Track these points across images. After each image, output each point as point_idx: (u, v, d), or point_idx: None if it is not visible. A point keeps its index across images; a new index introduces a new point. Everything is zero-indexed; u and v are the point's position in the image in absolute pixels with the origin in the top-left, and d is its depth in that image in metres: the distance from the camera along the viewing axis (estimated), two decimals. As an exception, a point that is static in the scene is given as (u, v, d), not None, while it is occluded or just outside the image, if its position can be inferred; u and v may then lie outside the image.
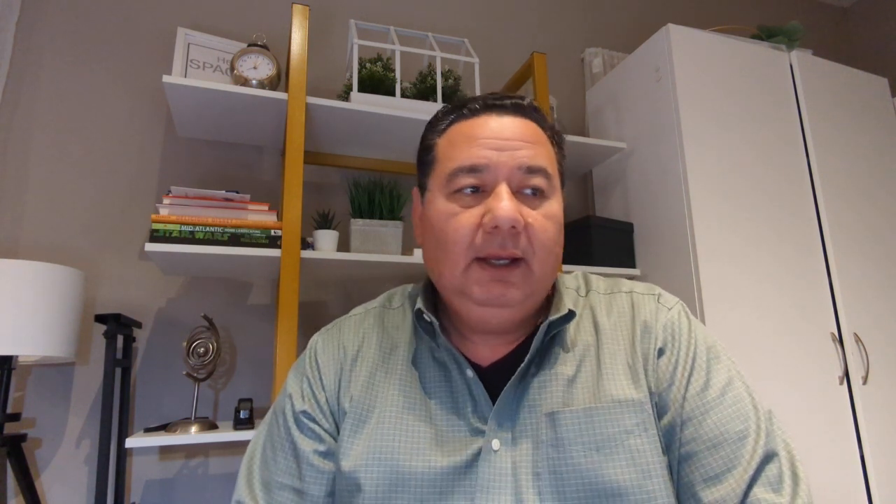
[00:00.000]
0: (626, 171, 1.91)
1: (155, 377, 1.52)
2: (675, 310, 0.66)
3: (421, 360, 0.66)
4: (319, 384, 0.67)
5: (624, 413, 0.58)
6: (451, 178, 0.62)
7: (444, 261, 0.61)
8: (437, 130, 0.68)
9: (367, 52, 1.68)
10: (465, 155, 0.62)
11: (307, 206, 1.71)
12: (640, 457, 0.56)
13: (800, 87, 1.88)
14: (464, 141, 0.63)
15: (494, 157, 0.61)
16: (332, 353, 0.69)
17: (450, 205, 0.62)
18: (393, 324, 0.71)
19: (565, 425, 0.58)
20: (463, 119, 0.66)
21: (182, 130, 1.64)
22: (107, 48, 1.68)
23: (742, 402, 0.59)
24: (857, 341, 1.70)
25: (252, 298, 1.66)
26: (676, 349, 0.62)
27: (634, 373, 0.61)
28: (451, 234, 0.60)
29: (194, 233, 1.31)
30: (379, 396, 0.64)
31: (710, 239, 1.60)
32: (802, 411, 1.56)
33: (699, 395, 0.59)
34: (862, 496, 1.57)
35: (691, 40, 1.77)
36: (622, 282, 0.72)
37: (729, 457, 0.56)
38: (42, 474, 1.39)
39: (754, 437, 0.57)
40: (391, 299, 0.75)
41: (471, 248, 0.59)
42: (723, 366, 0.62)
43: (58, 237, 1.52)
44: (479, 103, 0.65)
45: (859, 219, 1.85)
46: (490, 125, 0.63)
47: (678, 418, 0.59)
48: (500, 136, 0.62)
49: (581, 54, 2.33)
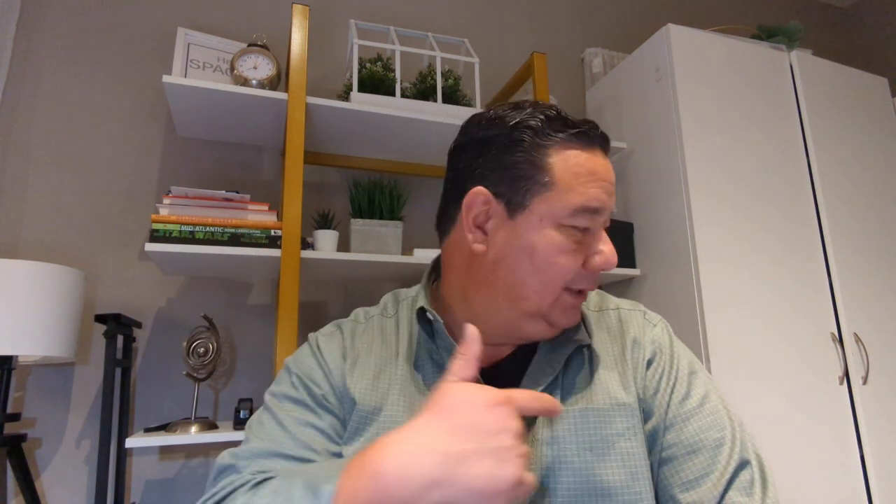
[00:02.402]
0: (626, 171, 1.91)
1: (155, 377, 1.52)
2: (658, 326, 0.70)
3: (420, 363, 0.66)
4: (327, 369, 0.67)
5: (616, 416, 0.61)
6: (575, 214, 0.60)
7: (536, 287, 0.61)
8: (544, 145, 0.61)
9: (367, 52, 1.68)
10: (591, 194, 0.60)
11: (307, 206, 1.71)
12: (630, 459, 0.59)
13: (800, 87, 1.88)
14: (587, 176, 0.61)
15: (609, 202, 0.62)
16: (334, 349, 0.69)
17: (561, 237, 0.60)
18: (390, 331, 0.71)
19: (561, 425, 0.60)
20: (578, 146, 0.61)
21: (182, 130, 1.64)
22: (107, 48, 1.68)
23: (718, 413, 0.63)
24: (857, 341, 1.70)
25: (252, 298, 1.66)
26: (662, 362, 0.66)
27: (625, 379, 0.64)
28: (559, 269, 0.61)
29: (194, 233, 1.31)
30: (382, 400, 0.64)
31: (710, 239, 1.60)
32: (802, 411, 1.56)
33: (680, 405, 0.63)
34: (862, 496, 1.56)
35: (691, 40, 1.77)
36: (608, 298, 0.75)
37: (706, 462, 0.60)
38: (42, 474, 1.39)
39: (730, 445, 0.61)
40: (386, 307, 0.74)
41: (570, 282, 0.62)
42: (700, 381, 0.66)
43: (58, 237, 1.52)
44: (596, 134, 0.63)
45: (859, 219, 1.85)
46: (599, 163, 0.62)
47: (661, 423, 0.63)
48: (608, 179, 0.62)
49: (581, 54, 2.32)
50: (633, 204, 1.86)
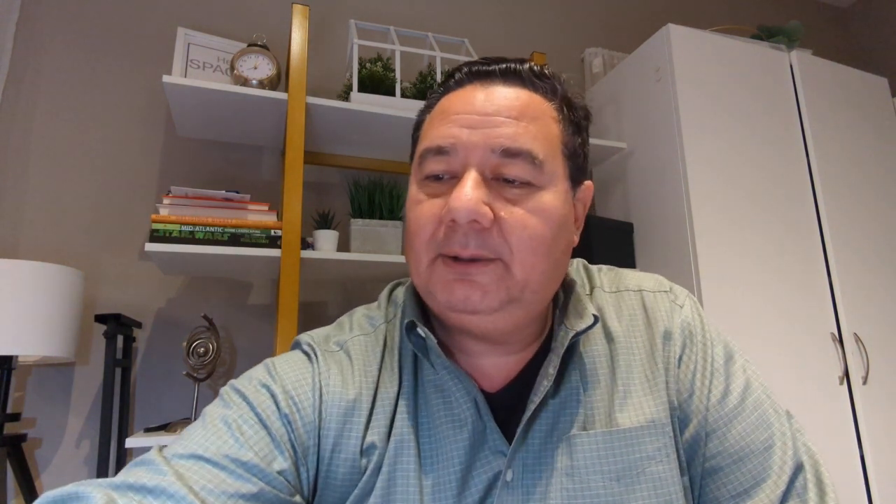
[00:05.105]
0: (626, 171, 1.91)
1: (155, 377, 1.52)
2: (686, 306, 0.60)
3: (423, 388, 0.55)
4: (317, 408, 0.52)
5: (645, 437, 0.52)
6: (421, 162, 0.53)
7: (409, 256, 0.53)
8: (428, 106, 0.58)
9: (367, 52, 1.68)
10: (436, 134, 0.52)
11: (307, 206, 1.71)
12: (662, 485, 0.51)
13: (800, 87, 1.88)
14: (439, 117, 0.53)
15: (464, 136, 0.50)
16: (344, 388, 0.54)
17: (418, 192, 0.53)
18: (393, 344, 0.58)
19: (582, 452, 0.51)
20: (449, 91, 0.55)
21: (182, 130, 1.64)
22: (107, 48, 1.68)
23: (762, 407, 0.57)
24: (857, 341, 1.70)
25: (252, 298, 1.66)
26: (694, 353, 0.57)
27: (654, 386, 0.55)
28: (413, 226, 0.52)
29: (194, 233, 1.31)
30: (390, 444, 0.52)
31: (710, 239, 1.60)
32: (802, 411, 1.56)
33: (720, 404, 0.56)
34: (862, 496, 1.57)
35: (691, 40, 1.77)
36: (626, 275, 0.64)
37: (756, 469, 0.53)
38: (42, 474, 1.39)
39: (780, 446, 0.55)
40: (388, 310, 0.62)
41: (432, 243, 0.50)
42: (738, 366, 0.58)
43: (58, 237, 1.52)
44: (464, 71, 0.55)
45: (859, 218, 1.85)
46: (473, 98, 0.52)
47: (702, 431, 0.55)
48: (480, 110, 0.51)
49: (581, 54, 2.32)
50: (633, 204, 1.86)
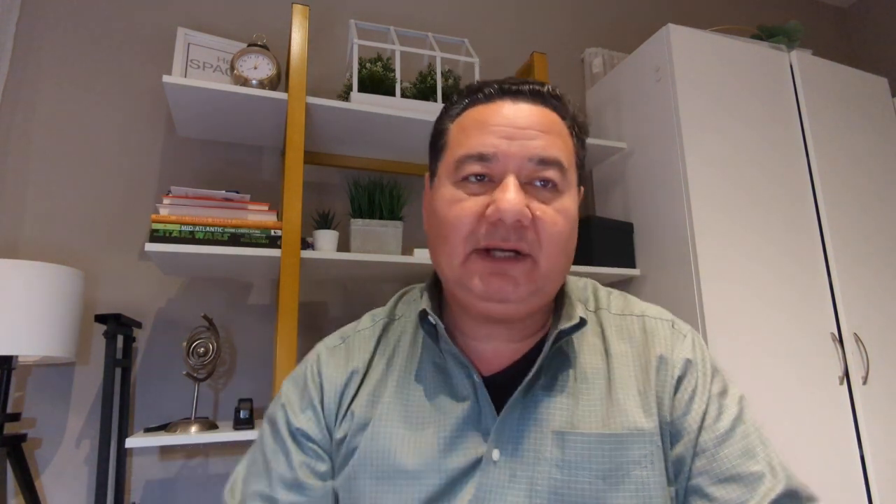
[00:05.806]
0: (625, 171, 1.91)
1: (155, 377, 1.52)
2: (689, 338, 0.65)
3: (422, 367, 0.64)
4: (319, 400, 0.64)
5: (634, 443, 0.57)
6: (459, 166, 0.59)
7: (443, 250, 0.60)
8: (450, 115, 0.65)
9: (367, 52, 1.68)
10: (474, 142, 0.59)
11: (307, 206, 1.71)
12: (644, 489, 0.55)
13: (800, 87, 1.88)
14: (475, 127, 0.60)
15: (505, 145, 0.58)
16: (337, 370, 0.65)
17: (455, 191, 0.59)
18: (396, 334, 0.68)
19: (574, 448, 0.57)
20: (477, 104, 0.63)
21: (182, 130, 1.64)
22: (107, 48, 1.68)
23: (750, 438, 0.59)
24: (857, 341, 1.70)
25: (252, 298, 1.66)
26: (694, 379, 0.61)
27: (646, 401, 0.60)
28: (452, 221, 0.58)
29: (194, 233, 1.31)
30: (378, 409, 0.61)
31: (710, 239, 1.60)
32: (802, 411, 1.56)
33: (712, 428, 0.59)
34: (862, 496, 1.56)
35: (691, 40, 1.77)
36: (633, 302, 0.70)
37: (740, 494, 0.56)
38: (42, 474, 1.39)
39: (770, 478, 0.57)
40: (396, 308, 0.72)
41: (471, 237, 0.57)
42: (732, 399, 0.62)
43: (58, 237, 1.52)
44: (495, 87, 0.62)
45: (859, 218, 1.85)
46: (504, 111, 0.60)
47: (691, 448, 0.58)
48: (514, 123, 0.59)
49: (581, 54, 2.32)
50: (633, 204, 1.86)
